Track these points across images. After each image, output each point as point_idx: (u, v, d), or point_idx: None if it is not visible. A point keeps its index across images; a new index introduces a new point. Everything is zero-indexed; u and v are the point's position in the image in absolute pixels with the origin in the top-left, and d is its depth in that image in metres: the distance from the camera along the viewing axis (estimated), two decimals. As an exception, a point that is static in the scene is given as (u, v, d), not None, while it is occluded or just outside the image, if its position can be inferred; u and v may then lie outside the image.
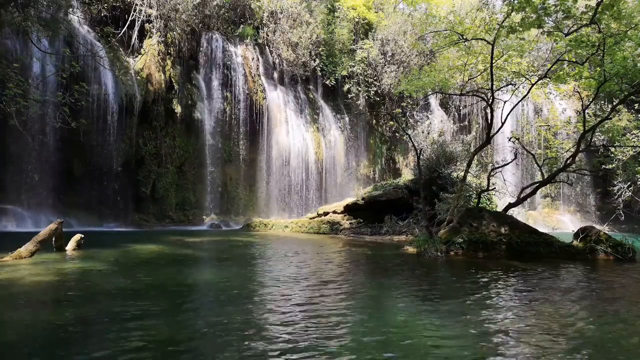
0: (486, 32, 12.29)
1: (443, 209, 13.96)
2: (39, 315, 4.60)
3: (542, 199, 28.10)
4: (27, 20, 13.83)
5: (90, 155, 18.39)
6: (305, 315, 4.66)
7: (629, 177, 20.28)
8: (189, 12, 21.73)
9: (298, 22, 25.36)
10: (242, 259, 9.46)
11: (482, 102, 21.18)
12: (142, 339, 3.79)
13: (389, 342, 3.84)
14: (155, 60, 20.67)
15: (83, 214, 18.09)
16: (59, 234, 9.11)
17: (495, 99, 12.81)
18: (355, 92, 27.07)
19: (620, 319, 4.81)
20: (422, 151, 15.29)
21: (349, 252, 11.24)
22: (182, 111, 21.48)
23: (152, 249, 10.67)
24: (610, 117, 13.18)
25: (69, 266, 7.74)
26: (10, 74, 12.20)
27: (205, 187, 22.28)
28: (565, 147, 20.11)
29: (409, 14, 28.55)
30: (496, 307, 5.30)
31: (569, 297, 5.93)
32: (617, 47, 10.48)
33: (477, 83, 16.34)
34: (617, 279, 7.80)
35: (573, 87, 18.83)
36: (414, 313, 4.87)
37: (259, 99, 23.71)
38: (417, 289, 6.47)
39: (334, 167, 26.23)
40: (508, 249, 10.00)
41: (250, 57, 24.05)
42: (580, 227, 10.97)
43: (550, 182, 13.23)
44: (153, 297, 5.53)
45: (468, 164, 13.20)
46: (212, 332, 4.08)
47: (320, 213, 19.21)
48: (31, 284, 6.04)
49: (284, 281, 6.79)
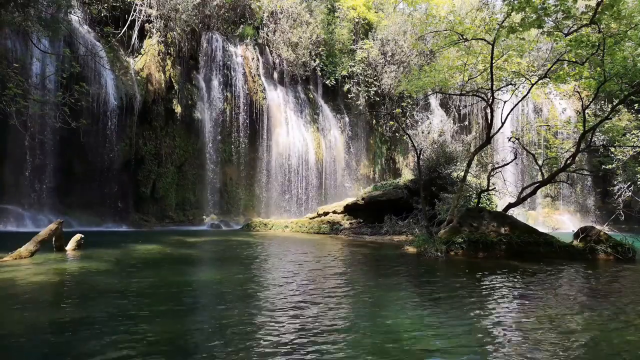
0: (486, 32, 12.28)
1: (443, 209, 13.96)
2: (39, 315, 4.59)
3: (542, 199, 28.09)
4: (27, 20, 13.83)
5: (90, 155, 18.39)
6: (305, 315, 4.66)
7: (629, 177, 20.29)
8: (189, 12, 21.72)
9: (298, 22, 25.36)
10: (242, 259, 9.45)
11: (482, 102, 21.19)
12: (142, 339, 3.79)
13: (389, 342, 3.84)
14: (155, 60, 20.67)
15: (83, 214, 18.08)
16: (59, 234, 9.11)
17: (495, 99, 12.80)
18: (355, 92, 27.08)
19: (620, 319, 4.81)
20: (422, 151, 15.28)
21: (349, 252, 11.24)
22: (182, 111, 21.48)
23: (152, 249, 10.67)
24: (610, 117, 13.20)
25: (69, 266, 7.74)
26: (10, 74, 12.20)
27: (205, 187, 22.28)
28: (565, 147, 20.14)
29: (408, 14, 28.56)
30: (496, 307, 5.30)
31: (568, 297, 5.93)
32: (617, 47, 10.47)
33: (477, 83, 16.32)
34: (616, 278, 7.80)
35: (573, 87, 18.84)
36: (414, 313, 4.87)
37: (259, 99, 23.71)
38: (417, 289, 6.47)
39: (334, 167, 26.23)
40: (508, 249, 10.00)
41: (250, 57, 24.05)
42: (580, 227, 10.97)
43: (550, 182, 13.22)
44: (153, 297, 5.53)
45: (468, 164, 13.19)
46: (212, 332, 4.08)
47: (320, 213, 19.21)
48: (31, 284, 6.03)
49: (283, 281, 6.79)
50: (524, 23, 10.56)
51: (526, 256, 9.84)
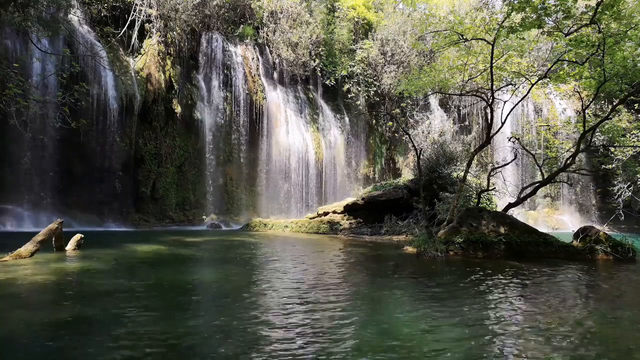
0: (486, 32, 12.29)
1: (443, 209, 13.96)
2: (39, 315, 4.59)
3: (542, 199, 28.08)
4: (27, 20, 13.84)
5: (90, 155, 18.40)
6: (305, 315, 4.66)
7: (629, 177, 20.29)
8: (189, 12, 21.73)
9: (298, 22, 25.37)
10: (241, 259, 9.45)
11: (482, 102, 21.21)
12: (142, 339, 3.79)
13: (389, 342, 3.84)
14: (155, 60, 20.67)
15: (83, 214, 18.09)
16: (59, 234, 9.11)
17: (495, 99, 12.81)
18: (355, 92, 27.08)
19: (620, 318, 4.81)
20: (422, 151, 15.28)
21: (348, 252, 11.24)
22: (182, 111, 21.49)
23: (151, 249, 10.67)
24: (610, 117, 13.19)
25: (69, 266, 7.74)
26: (10, 74, 12.20)
27: (205, 187, 22.29)
28: (565, 147, 20.13)
29: (408, 14, 28.55)
30: (496, 307, 5.30)
31: (568, 297, 5.93)
32: (617, 47, 10.47)
33: (477, 83, 16.33)
34: (616, 278, 7.80)
35: (573, 87, 18.84)
36: (414, 313, 4.87)
37: (258, 99, 23.71)
38: (417, 289, 6.47)
39: (333, 167, 26.23)
40: (508, 249, 10.00)
41: (250, 57, 24.06)
42: (580, 227, 10.96)
43: (550, 182, 13.22)
44: (152, 297, 5.53)
45: (468, 164, 13.19)
46: (212, 332, 4.08)
47: (320, 213, 19.21)
48: (31, 284, 6.04)
49: (283, 281, 6.79)
50: (524, 23, 10.55)
51: (526, 256, 9.84)
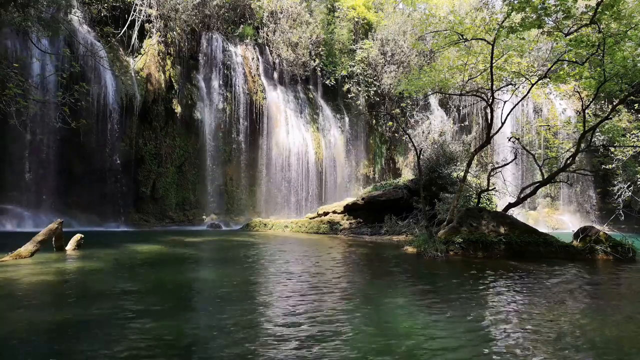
0: (486, 32, 12.28)
1: (443, 209, 13.95)
2: (39, 315, 4.59)
3: (542, 199, 28.08)
4: (27, 20, 13.84)
5: (90, 155, 18.40)
6: (305, 315, 4.66)
7: (629, 177, 20.29)
8: (189, 12, 21.73)
9: (298, 22, 25.37)
10: (241, 259, 9.45)
11: (482, 102, 21.19)
12: (141, 339, 3.79)
13: (389, 342, 3.84)
14: (155, 60, 20.67)
15: (83, 214, 18.09)
16: (59, 234, 9.11)
17: (495, 99, 12.80)
18: (355, 92, 27.08)
19: (620, 319, 4.81)
20: (422, 151, 15.28)
21: (348, 252, 11.24)
22: (182, 111, 21.49)
23: (151, 249, 10.67)
24: (610, 117, 13.19)
25: (69, 266, 7.74)
26: (10, 74, 12.20)
27: (205, 187, 22.29)
28: (565, 147, 20.13)
29: (408, 14, 28.55)
30: (496, 307, 5.31)
31: (568, 298, 5.93)
32: (617, 47, 10.47)
33: (477, 83, 16.32)
34: (616, 279, 7.80)
35: (573, 87, 18.84)
36: (414, 313, 4.87)
37: (258, 99, 23.71)
38: (417, 289, 6.47)
39: (333, 167, 26.23)
40: (508, 249, 10.00)
41: (250, 57, 24.05)
42: (580, 227, 10.96)
43: (550, 182, 13.22)
44: (152, 297, 5.53)
45: (468, 164, 13.19)
46: (212, 332, 4.08)
47: (320, 213, 19.21)
48: (31, 284, 6.04)
49: (283, 281, 6.79)
50: (524, 23, 10.55)
51: (526, 256, 9.84)
